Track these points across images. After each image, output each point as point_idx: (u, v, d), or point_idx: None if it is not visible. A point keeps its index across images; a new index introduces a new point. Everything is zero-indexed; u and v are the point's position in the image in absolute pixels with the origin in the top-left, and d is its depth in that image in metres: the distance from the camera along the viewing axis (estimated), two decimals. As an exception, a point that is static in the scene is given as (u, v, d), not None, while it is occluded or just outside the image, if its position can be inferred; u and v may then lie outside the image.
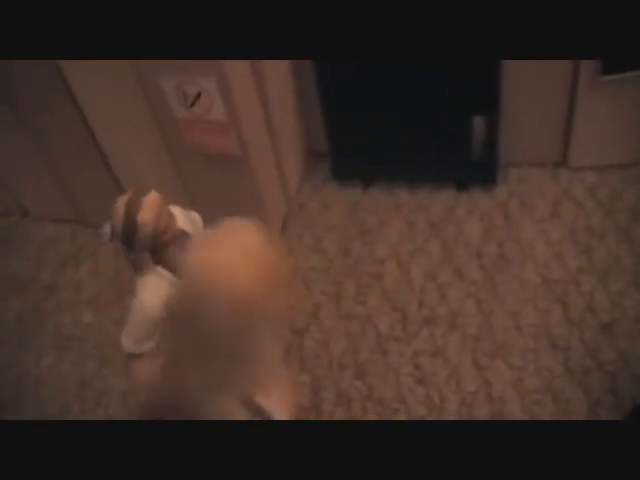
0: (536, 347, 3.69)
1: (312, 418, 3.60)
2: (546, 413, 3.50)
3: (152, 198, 2.66)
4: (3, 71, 3.89)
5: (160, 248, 2.74)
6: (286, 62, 4.16)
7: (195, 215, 3.10)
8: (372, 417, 3.58)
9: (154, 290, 2.76)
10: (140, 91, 3.75)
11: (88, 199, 4.47)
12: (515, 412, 3.52)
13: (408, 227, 4.22)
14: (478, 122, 3.99)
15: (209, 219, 4.21)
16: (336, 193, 4.46)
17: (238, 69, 3.60)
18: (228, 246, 1.68)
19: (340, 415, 3.62)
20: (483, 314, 3.82)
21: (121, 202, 2.66)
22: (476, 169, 4.21)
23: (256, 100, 3.85)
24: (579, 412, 3.47)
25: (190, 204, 4.14)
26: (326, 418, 3.60)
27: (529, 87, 3.99)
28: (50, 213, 4.82)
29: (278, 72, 4.07)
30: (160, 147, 4.04)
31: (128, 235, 2.66)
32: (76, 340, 4.25)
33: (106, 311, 4.27)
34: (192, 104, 3.62)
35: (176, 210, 2.94)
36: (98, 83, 3.83)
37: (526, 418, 3.49)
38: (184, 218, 2.97)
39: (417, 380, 3.67)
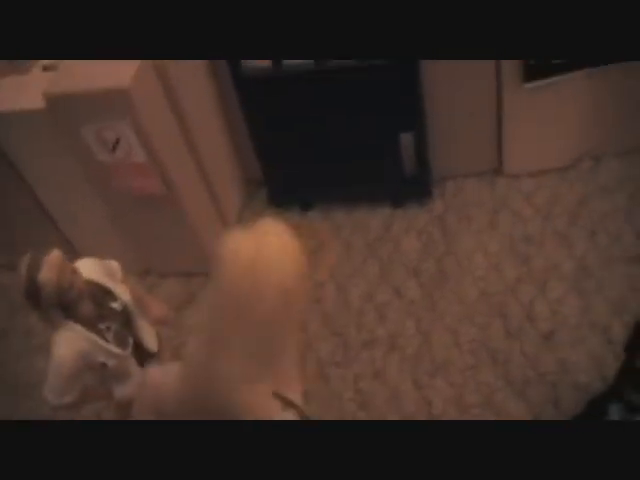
0: (475, 363, 3.67)
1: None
2: (488, 428, 3.49)
3: (52, 257, 2.69)
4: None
5: (68, 304, 2.77)
6: (211, 97, 4.18)
7: (113, 264, 3.13)
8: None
9: (67, 344, 2.82)
10: (65, 140, 3.78)
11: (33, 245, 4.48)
12: (456, 430, 3.51)
13: (346, 249, 4.22)
14: (405, 139, 3.99)
15: (149, 256, 4.28)
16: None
17: (154, 111, 3.62)
18: (270, 240, 1.74)
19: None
20: (422, 333, 3.81)
21: (23, 264, 2.70)
22: (410, 185, 4.20)
23: (178, 139, 3.86)
24: (520, 425, 3.46)
25: (131, 245, 4.19)
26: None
27: (455, 100, 3.99)
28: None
29: (201, 108, 4.08)
30: (93, 192, 4.05)
31: (32, 295, 2.69)
32: (31, 387, 4.26)
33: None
34: (113, 149, 3.64)
35: (86, 263, 2.97)
36: (27, 137, 3.87)
37: (467, 435, 3.48)
38: (97, 269, 3.00)
39: (359, 405, 3.66)
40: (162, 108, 3.70)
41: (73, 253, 3.94)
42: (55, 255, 2.72)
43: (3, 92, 3.89)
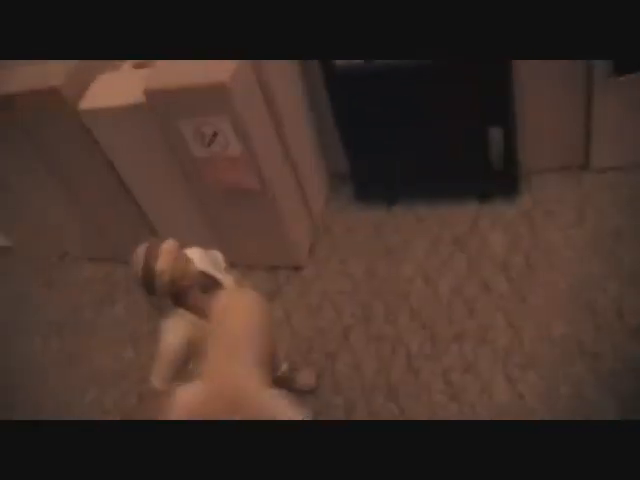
0: (565, 356, 3.67)
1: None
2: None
3: (168, 246, 2.78)
4: (35, 125, 4.05)
5: (180, 292, 2.85)
6: (301, 94, 4.24)
7: (217, 254, 3.23)
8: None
9: (176, 331, 2.90)
10: (162, 135, 3.86)
11: (120, 237, 4.58)
12: (548, 423, 3.51)
13: (432, 243, 4.25)
14: (495, 133, 4.00)
15: (236, 250, 4.34)
16: (360, 214, 4.52)
17: (251, 107, 3.68)
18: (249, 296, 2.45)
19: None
20: (512, 326, 3.82)
21: (140, 252, 2.78)
22: (497, 180, 4.21)
23: (272, 133, 3.92)
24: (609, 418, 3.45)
25: (218, 238, 4.26)
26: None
27: (544, 94, 3.99)
28: (86, 253, 4.98)
29: (293, 105, 4.14)
30: (184, 186, 4.14)
31: (148, 282, 2.77)
32: (117, 376, 4.37)
33: (145, 346, 4.37)
34: (209, 143, 3.72)
35: (195, 252, 3.05)
36: (122, 131, 3.97)
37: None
38: (204, 259, 3.08)
39: (449, 397, 3.69)
40: (258, 103, 3.76)
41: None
42: (172, 244, 2.80)
43: (97, 89, 3.99)
